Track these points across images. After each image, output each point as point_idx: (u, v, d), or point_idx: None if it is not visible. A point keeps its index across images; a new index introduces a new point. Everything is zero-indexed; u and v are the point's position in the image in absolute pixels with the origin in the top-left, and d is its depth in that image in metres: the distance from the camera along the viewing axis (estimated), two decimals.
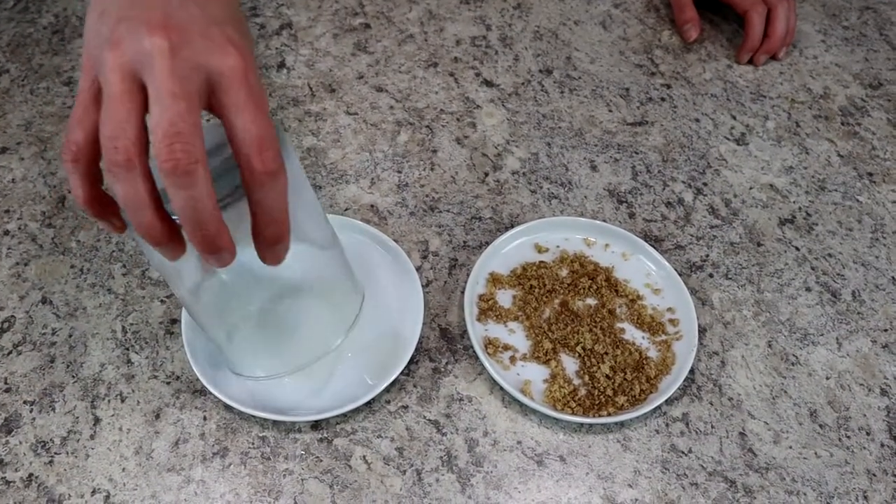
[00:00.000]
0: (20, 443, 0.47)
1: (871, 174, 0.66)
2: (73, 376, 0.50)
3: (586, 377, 0.51)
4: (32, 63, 0.67)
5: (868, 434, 0.52)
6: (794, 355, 0.55)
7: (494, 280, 0.55)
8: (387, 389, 0.51)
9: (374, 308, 0.53)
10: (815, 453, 0.51)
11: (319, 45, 0.70)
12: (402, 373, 0.51)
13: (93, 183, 0.36)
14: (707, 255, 0.59)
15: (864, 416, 0.53)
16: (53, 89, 0.65)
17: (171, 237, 0.35)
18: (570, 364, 0.52)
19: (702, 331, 0.55)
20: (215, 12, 0.35)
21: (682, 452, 0.50)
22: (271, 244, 0.37)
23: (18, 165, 0.60)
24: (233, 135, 0.34)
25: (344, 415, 0.50)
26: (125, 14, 0.33)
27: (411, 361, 0.52)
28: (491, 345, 0.52)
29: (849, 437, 0.52)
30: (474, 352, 0.52)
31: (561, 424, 0.50)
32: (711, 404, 0.52)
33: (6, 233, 0.56)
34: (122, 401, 0.50)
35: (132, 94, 0.33)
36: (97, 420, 0.49)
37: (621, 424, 0.51)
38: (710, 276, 0.58)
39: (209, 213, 0.33)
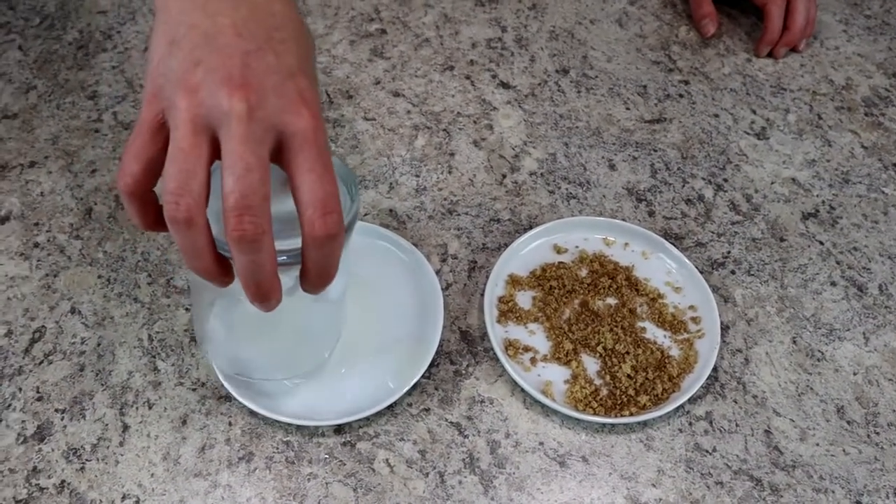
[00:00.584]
0: (52, 450, 0.49)
1: None
2: (102, 384, 0.52)
3: (608, 377, 0.51)
4: (59, 78, 0.68)
5: None
6: (819, 351, 0.54)
7: (514, 282, 0.56)
8: (408, 392, 0.51)
9: (395, 312, 0.54)
10: (844, 450, 0.50)
11: (336, 52, 0.71)
12: (423, 376, 0.52)
13: (150, 210, 0.36)
14: (728, 252, 0.59)
15: (894, 411, 0.52)
16: (79, 103, 0.67)
17: (222, 273, 0.37)
18: (591, 364, 0.52)
19: (724, 328, 0.55)
20: (290, 61, 0.35)
21: (707, 451, 0.50)
22: (314, 288, 0.38)
23: (46, 179, 0.62)
24: (298, 194, 0.34)
25: (366, 418, 0.50)
26: (201, 56, 0.33)
27: (432, 364, 0.52)
28: (511, 346, 0.52)
29: (878, 434, 0.51)
30: (495, 354, 0.52)
31: (583, 425, 0.50)
32: (735, 402, 0.52)
33: (36, 245, 0.58)
34: (150, 408, 0.51)
35: (201, 148, 0.33)
36: (126, 427, 0.50)
37: (644, 424, 0.50)
38: (732, 272, 0.58)
39: (267, 274, 0.35)
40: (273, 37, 0.35)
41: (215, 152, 0.33)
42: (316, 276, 0.37)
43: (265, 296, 0.36)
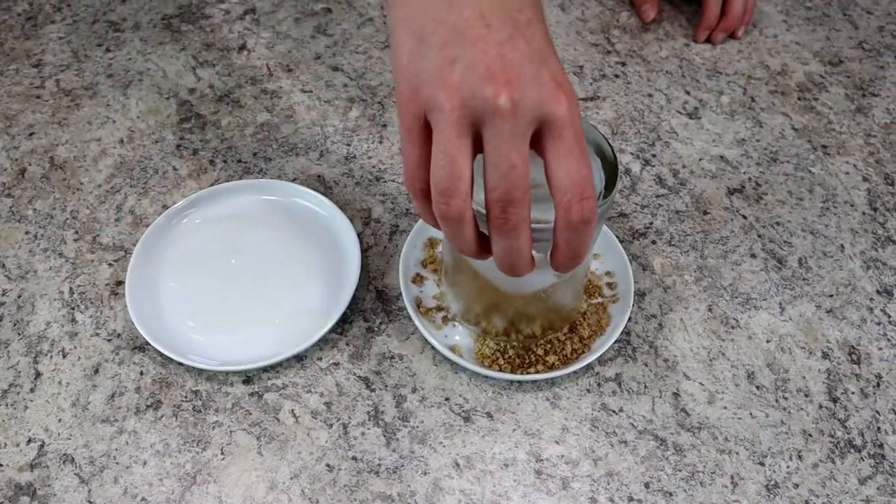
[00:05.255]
0: None
1: (825, 146, 0.65)
2: (20, 334, 0.52)
3: (517, 335, 0.52)
4: (4, 47, 0.70)
5: (806, 395, 0.51)
6: (734, 319, 0.55)
7: (433, 244, 0.56)
8: (319, 347, 0.52)
9: (311, 269, 0.54)
10: (751, 414, 0.50)
11: (281, 29, 0.72)
12: (336, 332, 0.52)
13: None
14: (651, 223, 0.59)
15: (804, 378, 0.52)
16: (22, 71, 0.68)
17: (485, 251, 0.38)
18: (501, 324, 0.52)
19: (641, 295, 0.55)
20: (539, 44, 0.34)
21: (613, 411, 0.50)
22: (564, 268, 0.38)
23: None
24: (555, 179, 0.34)
25: (276, 371, 0.51)
26: (455, 52, 0.33)
27: (346, 321, 0.53)
28: (423, 305, 0.53)
29: (786, 399, 0.51)
30: (408, 312, 0.53)
31: (490, 382, 0.51)
32: (646, 365, 0.52)
33: None
34: (64, 357, 0.51)
35: (466, 148, 0.33)
36: (38, 374, 0.50)
37: (552, 383, 0.51)
38: (653, 242, 0.58)
39: (524, 255, 0.37)
40: (518, 20, 0.34)
41: (477, 146, 0.34)
42: (567, 257, 0.37)
43: (517, 271, 0.38)
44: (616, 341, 0.52)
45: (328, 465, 0.47)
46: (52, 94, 0.66)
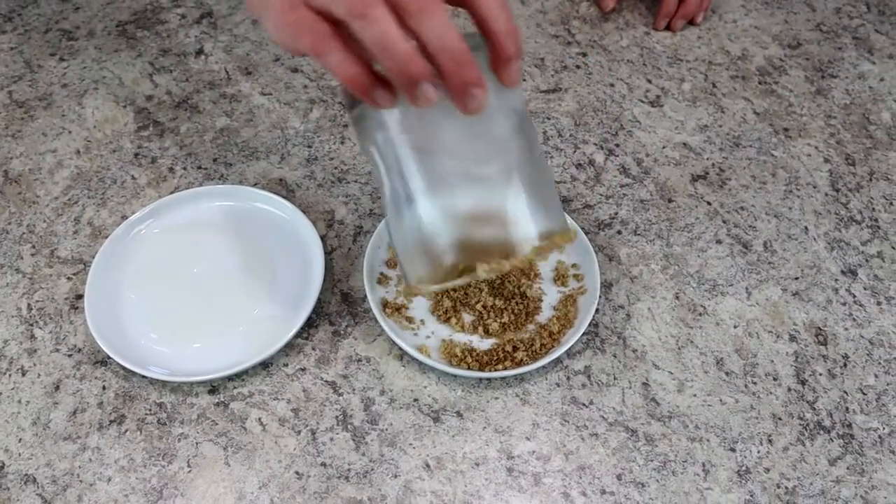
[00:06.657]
0: None
1: (787, 129, 0.66)
2: None
3: (483, 332, 0.51)
4: None
5: (775, 379, 0.51)
6: (701, 306, 0.55)
7: None
8: (285, 353, 0.51)
9: (275, 273, 0.54)
10: (720, 400, 0.50)
11: (238, 32, 0.71)
12: (301, 337, 0.52)
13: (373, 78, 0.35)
14: (616, 213, 0.59)
15: (772, 362, 0.52)
16: None
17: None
18: (469, 321, 0.52)
19: (608, 286, 0.55)
20: None
21: (583, 404, 0.50)
22: (512, 61, 0.37)
23: None
24: (490, 24, 0.35)
25: (241, 379, 0.50)
26: None
27: (312, 325, 0.52)
28: (389, 306, 0.52)
29: (755, 384, 0.51)
30: (374, 314, 0.52)
31: (459, 381, 0.50)
32: (615, 356, 0.52)
33: None
34: (23, 374, 0.50)
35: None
36: None
37: (521, 379, 0.51)
38: (619, 232, 0.58)
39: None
40: None
41: None
42: (506, 40, 0.36)
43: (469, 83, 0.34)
44: (584, 333, 0.52)
45: (297, 473, 0.46)
46: (4, 105, 0.65)
